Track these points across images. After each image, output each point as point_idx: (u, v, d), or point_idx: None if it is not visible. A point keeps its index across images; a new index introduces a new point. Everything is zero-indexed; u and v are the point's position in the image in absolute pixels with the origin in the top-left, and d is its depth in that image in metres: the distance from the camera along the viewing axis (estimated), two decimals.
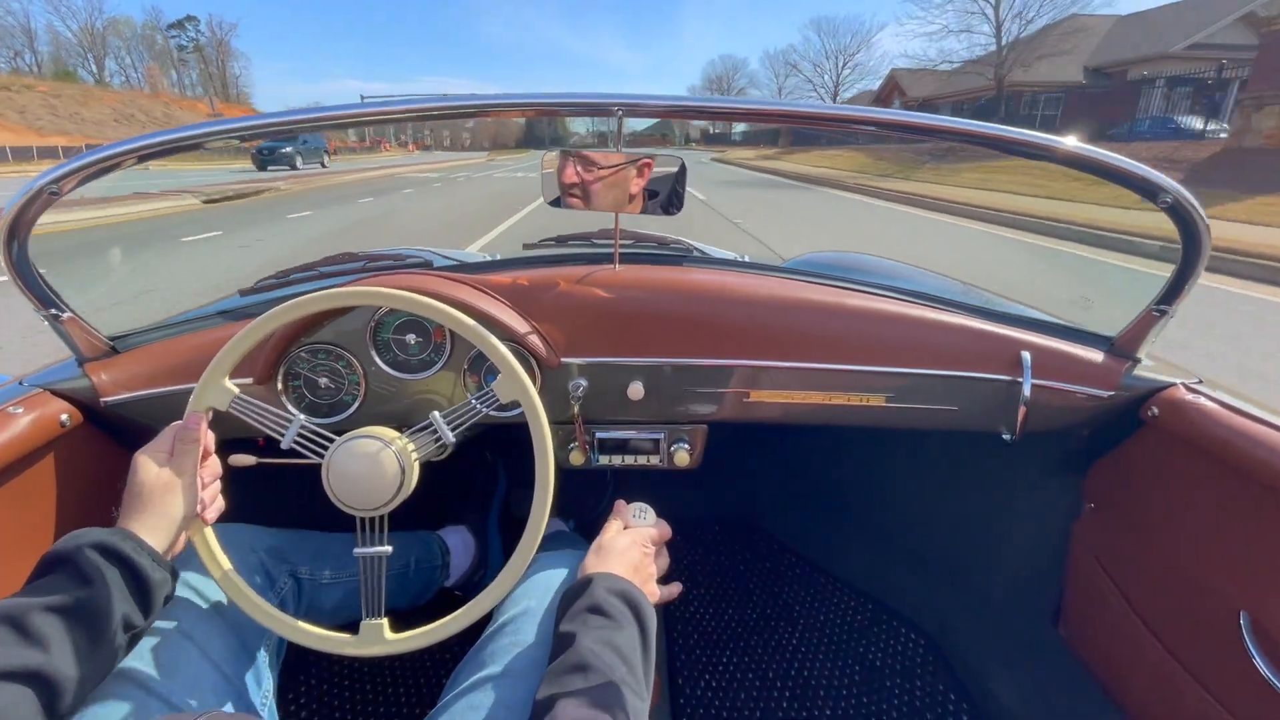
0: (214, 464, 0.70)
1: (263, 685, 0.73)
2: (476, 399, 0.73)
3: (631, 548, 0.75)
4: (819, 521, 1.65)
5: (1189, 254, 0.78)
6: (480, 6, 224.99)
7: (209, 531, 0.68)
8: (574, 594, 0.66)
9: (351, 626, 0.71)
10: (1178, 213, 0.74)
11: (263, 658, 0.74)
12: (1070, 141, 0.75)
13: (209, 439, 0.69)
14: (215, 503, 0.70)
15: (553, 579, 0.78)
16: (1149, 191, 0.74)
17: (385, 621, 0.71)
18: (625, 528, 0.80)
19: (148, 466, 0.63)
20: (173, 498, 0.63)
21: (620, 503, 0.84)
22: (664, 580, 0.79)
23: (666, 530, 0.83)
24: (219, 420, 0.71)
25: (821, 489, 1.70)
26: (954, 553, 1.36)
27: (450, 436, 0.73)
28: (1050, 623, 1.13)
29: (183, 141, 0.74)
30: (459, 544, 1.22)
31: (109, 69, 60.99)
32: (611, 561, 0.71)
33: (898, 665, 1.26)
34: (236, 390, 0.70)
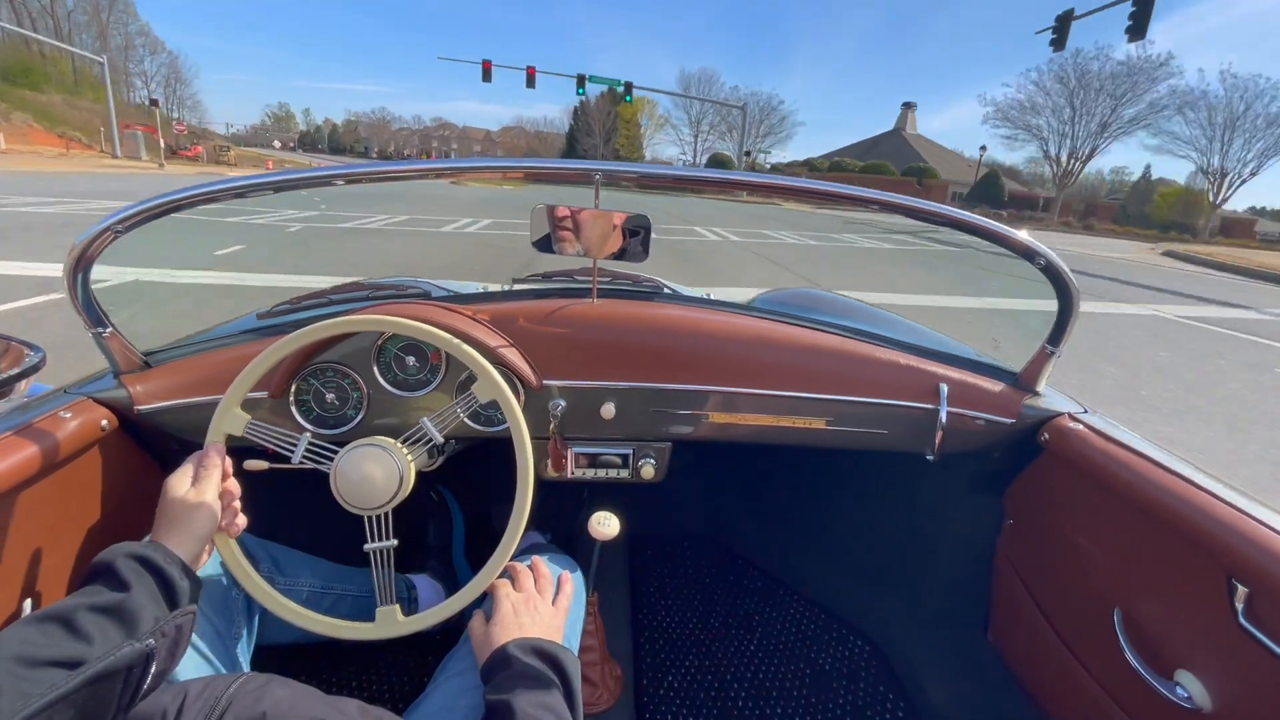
0: (234, 485, 0.77)
1: (238, 665, 0.83)
2: (459, 403, 0.87)
3: (519, 604, 0.81)
4: (776, 537, 1.77)
5: (1063, 304, 0.94)
6: (596, 44, 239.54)
7: (234, 544, 0.77)
8: (494, 666, 0.71)
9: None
10: (1050, 272, 0.90)
11: (232, 639, 0.83)
12: (969, 214, 0.91)
13: (227, 463, 0.76)
14: (239, 518, 0.77)
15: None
16: (1028, 255, 0.90)
17: (397, 607, 0.82)
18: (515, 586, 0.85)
19: (174, 489, 0.71)
20: (197, 516, 0.70)
21: (512, 568, 0.89)
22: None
23: (541, 568, 0.90)
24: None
25: (778, 508, 1.82)
26: (896, 565, 1.49)
27: (438, 436, 0.86)
28: (981, 630, 1.24)
29: (240, 190, 0.88)
30: (426, 586, 1.24)
31: None
32: (510, 628, 0.77)
33: (844, 669, 1.38)
34: (249, 417, 0.80)
